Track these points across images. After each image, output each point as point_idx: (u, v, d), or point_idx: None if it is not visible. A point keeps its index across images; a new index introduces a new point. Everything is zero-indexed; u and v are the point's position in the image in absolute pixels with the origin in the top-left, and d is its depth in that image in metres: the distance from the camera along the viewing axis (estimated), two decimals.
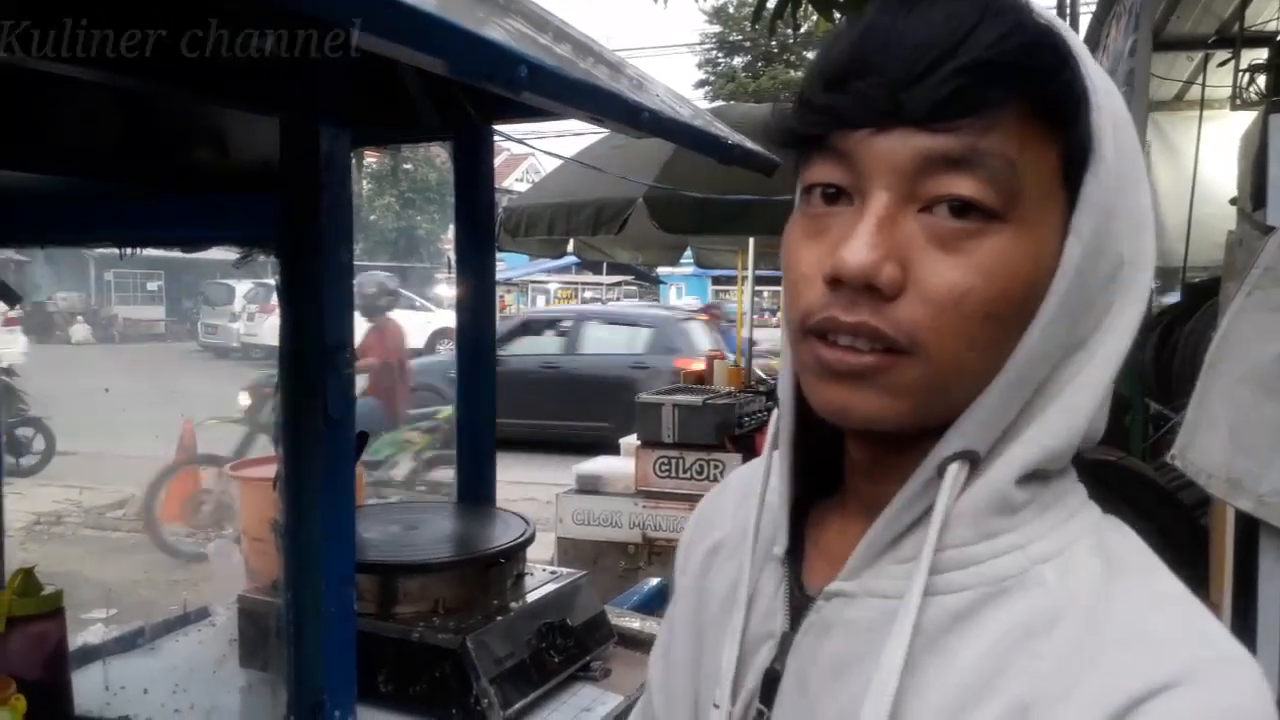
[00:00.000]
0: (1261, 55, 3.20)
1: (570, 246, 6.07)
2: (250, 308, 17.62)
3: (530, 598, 1.53)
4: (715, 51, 24.19)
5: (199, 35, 1.20)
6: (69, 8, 1.07)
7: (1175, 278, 4.28)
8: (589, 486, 4.45)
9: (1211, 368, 2.16)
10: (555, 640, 1.47)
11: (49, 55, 1.07)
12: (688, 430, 4.19)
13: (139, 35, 1.13)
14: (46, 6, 1.04)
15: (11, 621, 1.28)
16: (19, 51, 1.03)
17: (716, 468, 4.13)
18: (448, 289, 18.54)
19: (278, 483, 1.18)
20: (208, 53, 1.24)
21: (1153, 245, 0.56)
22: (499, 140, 2.02)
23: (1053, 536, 0.54)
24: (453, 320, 1.99)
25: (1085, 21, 5.38)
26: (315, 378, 1.12)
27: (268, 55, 1.14)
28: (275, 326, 1.16)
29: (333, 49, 1.09)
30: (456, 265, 1.95)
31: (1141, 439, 3.76)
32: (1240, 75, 3.29)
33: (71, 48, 1.08)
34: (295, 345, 1.14)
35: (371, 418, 6.19)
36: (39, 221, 1.38)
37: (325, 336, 1.12)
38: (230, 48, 1.24)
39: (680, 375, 10.06)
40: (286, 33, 1.11)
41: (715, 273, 16.50)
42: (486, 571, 1.50)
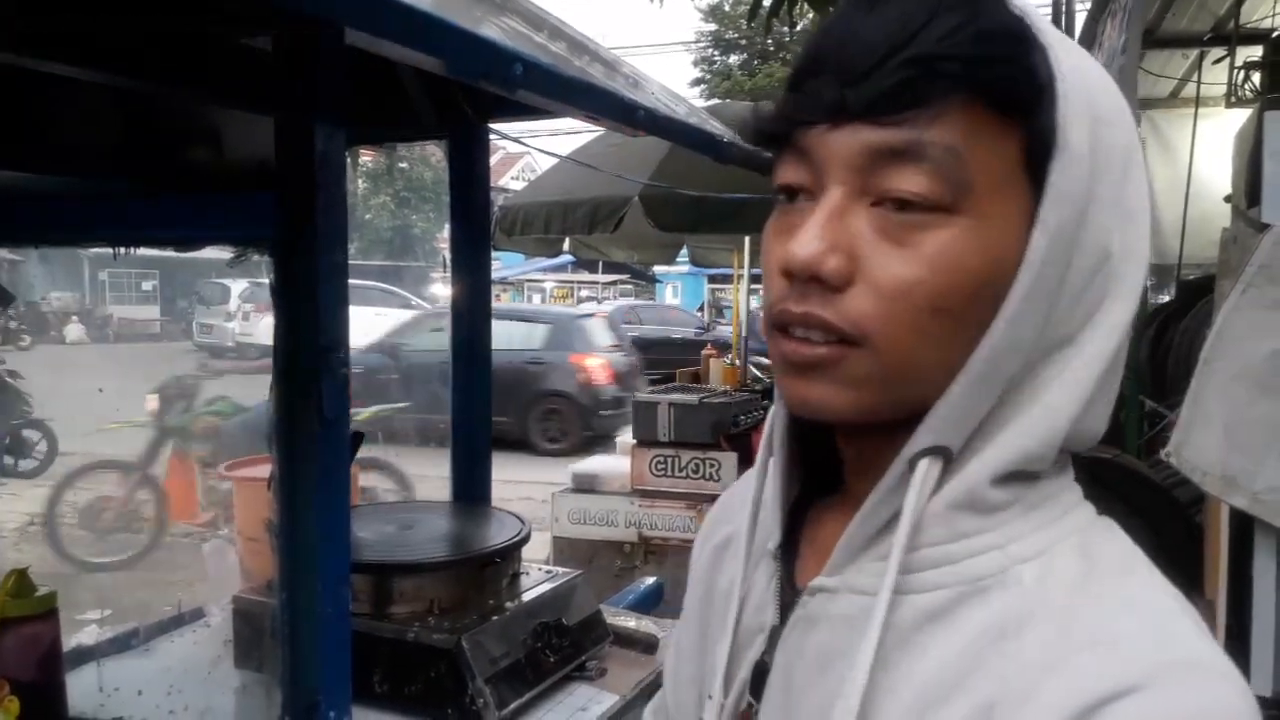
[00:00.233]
0: (1256, 52, 3.21)
1: (566, 245, 6.07)
2: (245, 307, 17.57)
3: (526, 597, 1.52)
4: (711, 49, 24.20)
5: (195, 34, 1.20)
6: (67, 6, 1.06)
7: (1170, 275, 4.30)
8: (585, 485, 4.44)
9: (1206, 365, 2.17)
10: (551, 640, 1.47)
11: (46, 54, 1.07)
12: (684, 429, 4.19)
13: (135, 34, 1.12)
14: (45, 5, 1.04)
15: (5, 623, 1.28)
16: (17, 50, 1.02)
17: (712, 466, 4.13)
18: (443, 288, 18.53)
19: (272, 482, 1.18)
20: (204, 52, 1.24)
21: (1146, 240, 0.54)
22: (494, 139, 2.02)
23: (1035, 537, 0.53)
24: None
25: (1081, 19, 5.39)
26: (310, 377, 1.11)
27: (263, 54, 1.14)
28: (270, 326, 1.16)
29: (328, 48, 1.08)
30: (452, 264, 1.94)
31: (1136, 436, 3.77)
32: (1235, 73, 3.30)
33: (68, 46, 1.08)
34: (290, 345, 1.14)
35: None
36: (34, 221, 1.37)
37: (320, 336, 1.12)
38: (226, 46, 1.24)
39: (575, 371, 10.00)
40: (282, 31, 1.10)
41: (711, 271, 16.49)
42: (482, 571, 1.50)
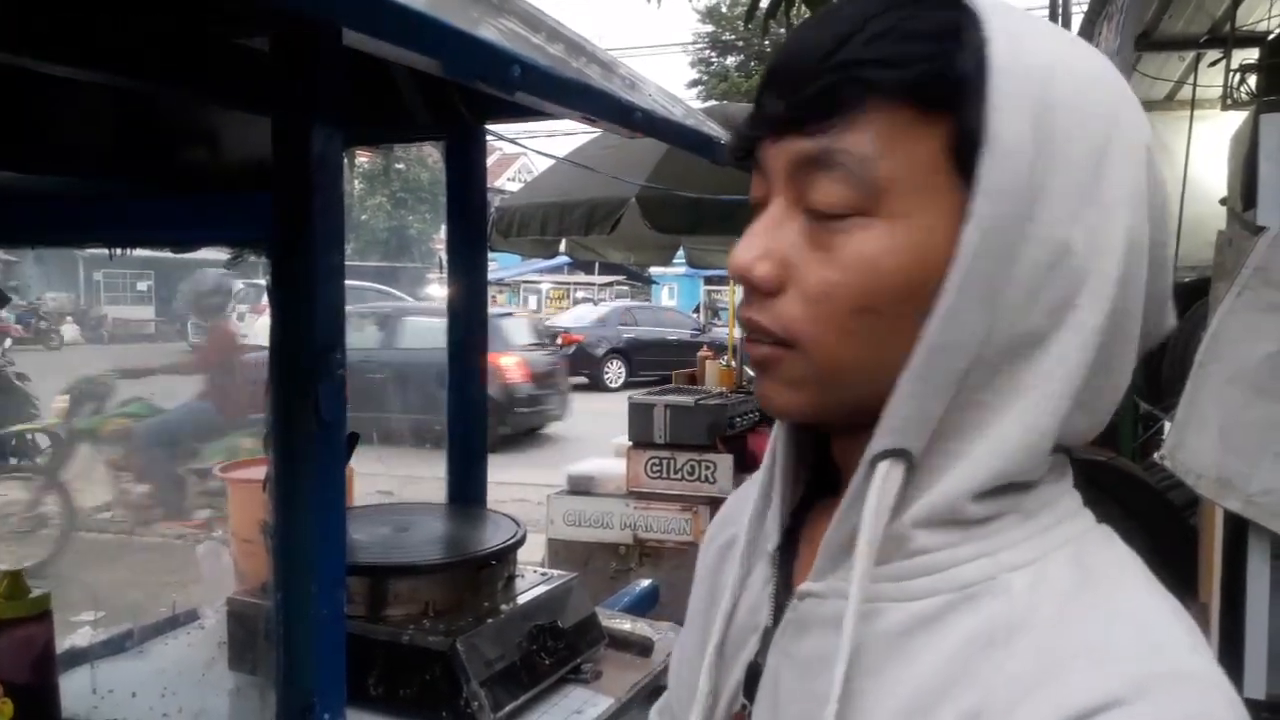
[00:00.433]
0: (1252, 55, 3.21)
1: (563, 247, 6.06)
2: (240, 308, 17.54)
3: (521, 600, 1.52)
4: (708, 51, 24.21)
5: (193, 34, 1.19)
6: (65, 6, 1.06)
7: None
8: (580, 487, 4.44)
9: (1201, 368, 2.17)
10: (546, 642, 1.46)
11: (43, 54, 1.06)
12: (679, 431, 4.18)
13: (133, 34, 1.12)
14: (42, 5, 1.04)
15: None
16: (15, 50, 1.02)
17: (708, 468, 4.13)
18: (439, 289, 18.52)
19: (267, 484, 1.18)
20: (201, 52, 1.23)
21: (1126, 233, 0.52)
22: (491, 140, 2.02)
23: (1028, 545, 0.53)
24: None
25: (1077, 21, 5.40)
26: (306, 379, 1.11)
27: (261, 54, 1.14)
28: (266, 327, 1.15)
29: (326, 49, 1.08)
30: (448, 265, 1.94)
31: (1131, 439, 3.77)
32: (1231, 75, 3.30)
33: (66, 46, 1.08)
34: (286, 346, 1.14)
35: (202, 421, 5.86)
36: (31, 221, 1.37)
37: (316, 337, 1.12)
38: (223, 47, 1.23)
39: (489, 370, 10.33)
40: (280, 32, 1.10)
41: (708, 273, 16.52)
42: (477, 573, 1.50)
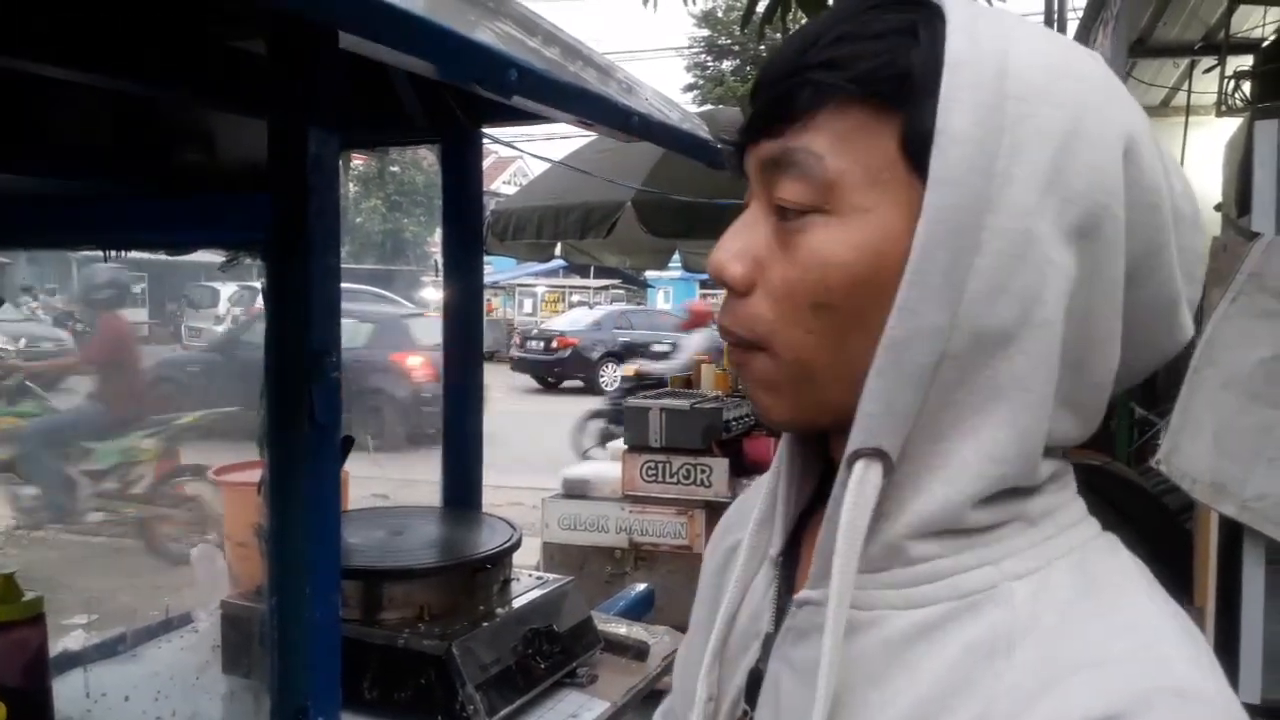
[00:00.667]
0: (1247, 62, 3.22)
1: (558, 250, 6.06)
2: (235, 311, 17.51)
3: (516, 603, 1.52)
4: (704, 55, 24.22)
5: (189, 36, 1.19)
6: (62, 8, 1.06)
7: None
8: (576, 491, 4.43)
9: (1196, 373, 2.17)
10: (541, 646, 1.46)
11: (40, 56, 1.06)
12: (675, 434, 4.18)
13: (130, 36, 1.12)
14: (39, 7, 1.03)
15: None
16: (10, 52, 1.02)
17: (704, 472, 4.13)
18: (434, 292, 18.52)
19: (262, 487, 1.17)
20: (197, 54, 1.23)
21: (1078, 228, 0.50)
22: (486, 143, 2.01)
23: (1031, 553, 0.52)
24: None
25: (1073, 28, 5.42)
26: (301, 381, 1.11)
27: (257, 57, 1.14)
28: (260, 329, 1.15)
29: (322, 52, 1.08)
30: (444, 268, 1.94)
31: (1127, 444, 3.77)
32: (1226, 82, 3.30)
33: (63, 48, 1.08)
34: (281, 348, 1.14)
35: (93, 422, 5.67)
36: (25, 223, 1.36)
37: (312, 340, 1.11)
38: (220, 49, 1.23)
39: (395, 370, 9.90)
40: (276, 35, 1.10)
41: (703, 276, 16.49)
42: (472, 577, 1.50)
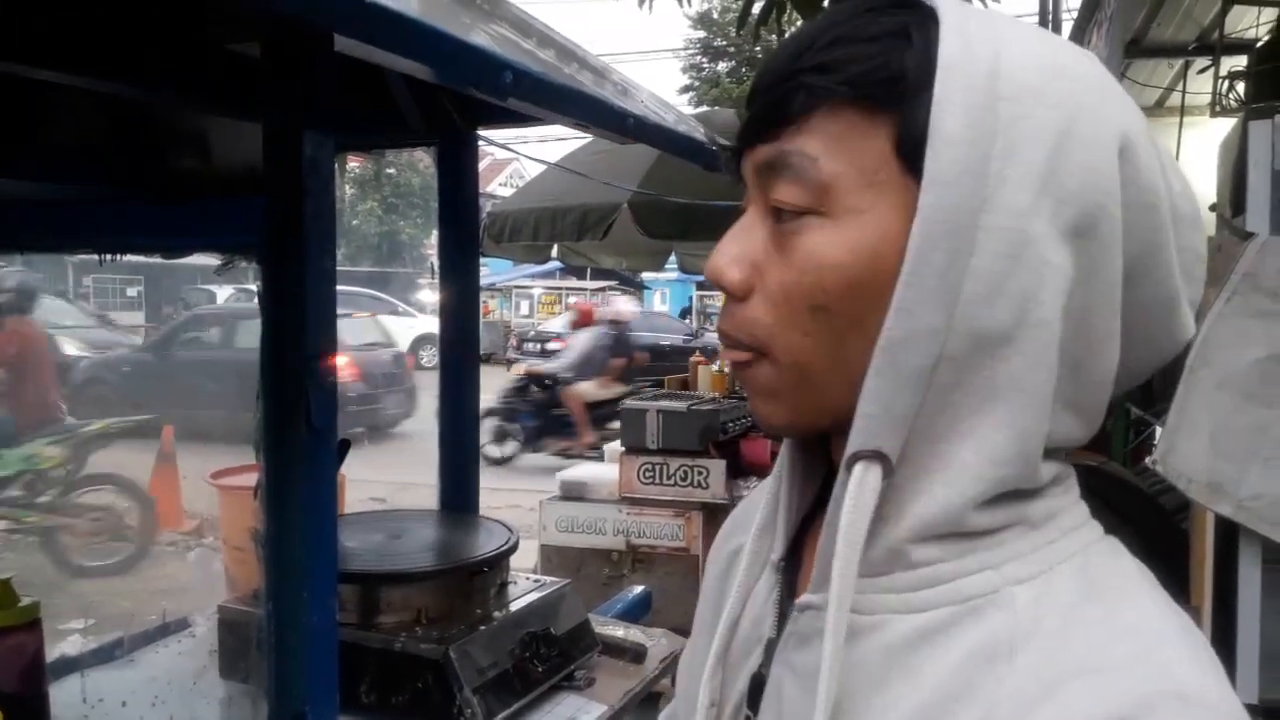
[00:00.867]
0: (1241, 62, 3.22)
1: (555, 252, 6.06)
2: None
3: (514, 607, 1.52)
4: (700, 57, 24.23)
5: (184, 40, 1.19)
6: (57, 14, 1.06)
7: None
8: (573, 493, 4.42)
9: (1192, 373, 2.18)
10: (539, 649, 1.46)
11: (35, 60, 1.06)
12: (672, 436, 4.17)
13: (124, 39, 1.12)
14: (33, 11, 1.03)
15: None
16: (5, 56, 1.01)
17: (701, 474, 4.12)
18: (431, 294, 18.50)
19: (259, 491, 1.17)
20: (192, 57, 1.23)
21: (1073, 228, 0.50)
22: (483, 145, 2.01)
23: (1033, 557, 0.52)
24: (435, 326, 1.98)
25: (1067, 29, 5.42)
26: (297, 385, 1.11)
27: (252, 60, 1.14)
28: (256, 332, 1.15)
29: (317, 55, 1.08)
30: (440, 271, 1.94)
31: (1123, 444, 3.78)
32: (1220, 82, 3.31)
33: (58, 52, 1.07)
34: (277, 352, 1.13)
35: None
36: (19, 227, 1.36)
37: (307, 343, 1.11)
38: (215, 52, 1.23)
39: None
40: (271, 38, 1.10)
41: (699, 278, 16.51)
42: (469, 580, 1.49)
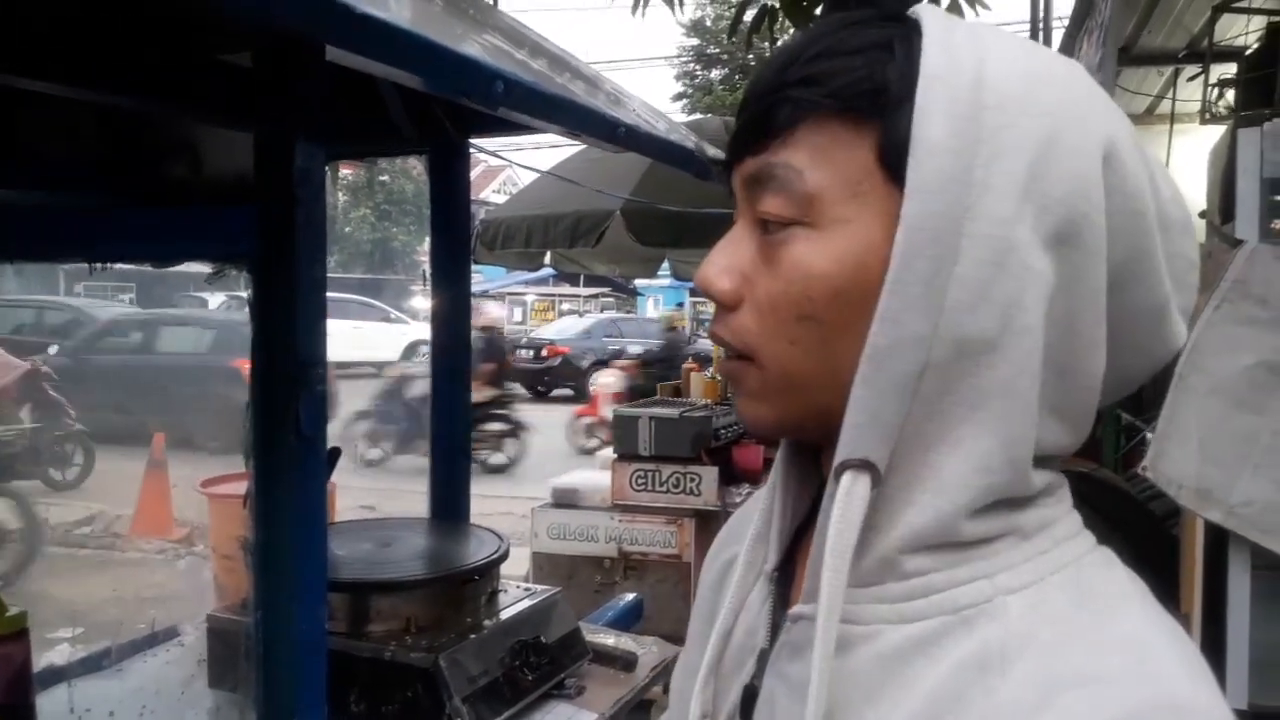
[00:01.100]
0: (1230, 70, 3.24)
1: (548, 259, 6.06)
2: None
3: (504, 615, 1.51)
4: (693, 64, 24.29)
5: (175, 50, 1.19)
6: (47, 24, 1.05)
7: None
8: (565, 500, 4.42)
9: (1182, 380, 2.18)
10: (529, 658, 1.46)
11: (24, 71, 1.06)
12: (664, 443, 4.17)
13: (115, 50, 1.11)
14: (24, 21, 1.03)
15: None
16: None
17: (693, 481, 4.12)
18: (423, 301, 18.47)
19: (248, 499, 1.17)
20: (183, 68, 1.23)
21: (1056, 234, 0.50)
22: (476, 152, 2.01)
23: (1026, 567, 0.52)
24: (428, 332, 1.98)
25: (1058, 37, 5.45)
26: (288, 393, 1.10)
27: (244, 70, 1.13)
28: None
29: (309, 65, 1.08)
30: (432, 278, 1.94)
31: (1114, 450, 3.79)
32: (1209, 90, 3.33)
33: (48, 63, 1.07)
34: (267, 360, 1.13)
35: None
36: (9, 236, 1.35)
37: (298, 351, 1.11)
38: (206, 62, 1.23)
39: (234, 374, 9.60)
40: (263, 48, 1.10)
41: (692, 284, 16.55)
42: (460, 589, 1.49)
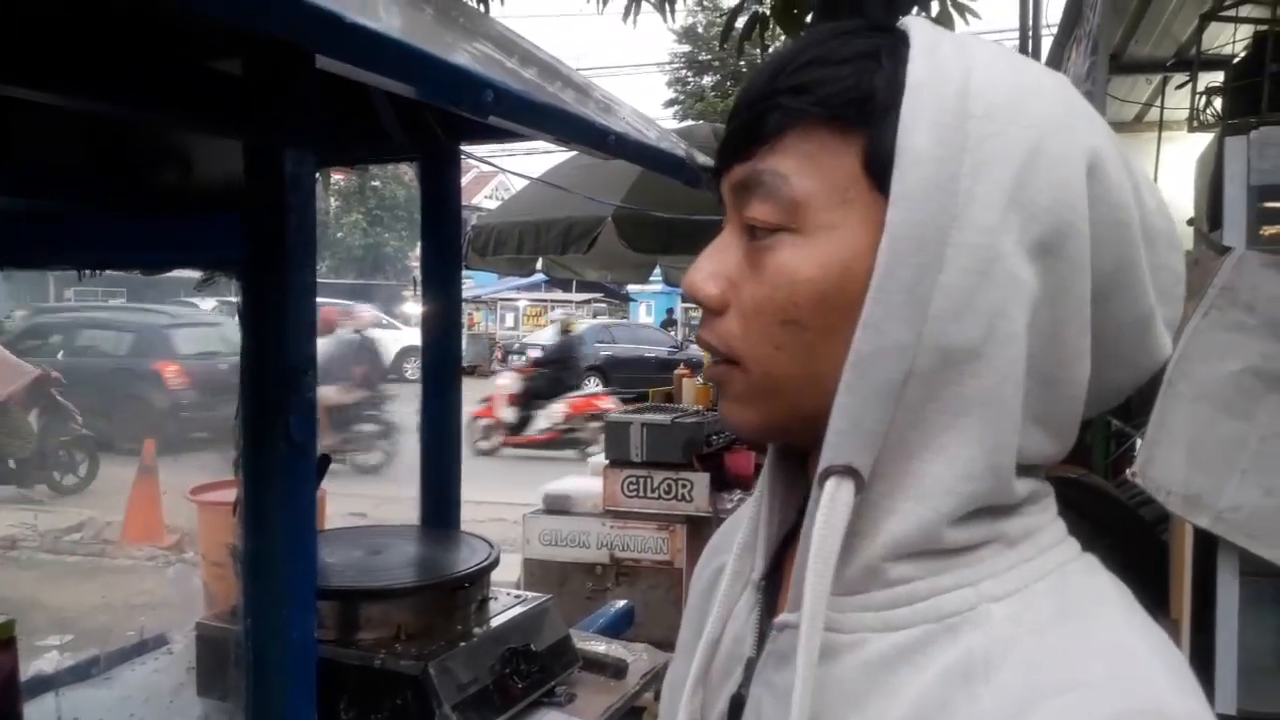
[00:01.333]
0: (1218, 78, 3.26)
1: (539, 265, 6.06)
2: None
3: (494, 623, 1.51)
4: (685, 71, 24.33)
5: (165, 58, 1.19)
6: (36, 31, 1.05)
7: None
8: (557, 506, 4.41)
9: (1170, 386, 2.19)
10: (519, 665, 1.45)
11: (13, 79, 1.05)
12: (655, 449, 4.17)
13: (105, 58, 1.11)
14: (12, 28, 1.03)
15: None
16: None
17: (685, 487, 4.12)
18: (414, 307, 18.45)
19: (238, 507, 1.16)
20: (173, 75, 1.23)
21: (1039, 244, 0.51)
22: (467, 158, 2.01)
23: (1010, 575, 0.52)
24: (419, 339, 1.98)
25: (1047, 45, 5.47)
26: (277, 399, 1.10)
27: (234, 78, 1.13)
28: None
29: (299, 73, 1.08)
30: (423, 285, 1.94)
31: (1104, 456, 3.80)
32: (1197, 98, 3.34)
33: (37, 71, 1.07)
34: (257, 366, 1.13)
35: None
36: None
37: (288, 357, 1.11)
38: (195, 70, 1.23)
39: (154, 376, 9.76)
40: (253, 57, 1.10)
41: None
42: (450, 596, 1.49)
